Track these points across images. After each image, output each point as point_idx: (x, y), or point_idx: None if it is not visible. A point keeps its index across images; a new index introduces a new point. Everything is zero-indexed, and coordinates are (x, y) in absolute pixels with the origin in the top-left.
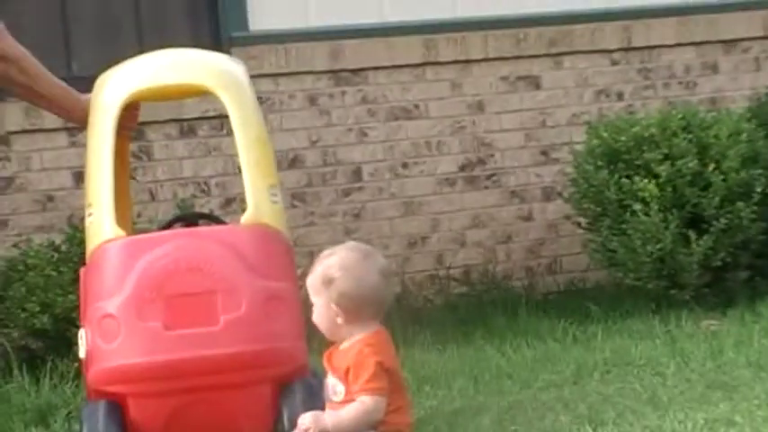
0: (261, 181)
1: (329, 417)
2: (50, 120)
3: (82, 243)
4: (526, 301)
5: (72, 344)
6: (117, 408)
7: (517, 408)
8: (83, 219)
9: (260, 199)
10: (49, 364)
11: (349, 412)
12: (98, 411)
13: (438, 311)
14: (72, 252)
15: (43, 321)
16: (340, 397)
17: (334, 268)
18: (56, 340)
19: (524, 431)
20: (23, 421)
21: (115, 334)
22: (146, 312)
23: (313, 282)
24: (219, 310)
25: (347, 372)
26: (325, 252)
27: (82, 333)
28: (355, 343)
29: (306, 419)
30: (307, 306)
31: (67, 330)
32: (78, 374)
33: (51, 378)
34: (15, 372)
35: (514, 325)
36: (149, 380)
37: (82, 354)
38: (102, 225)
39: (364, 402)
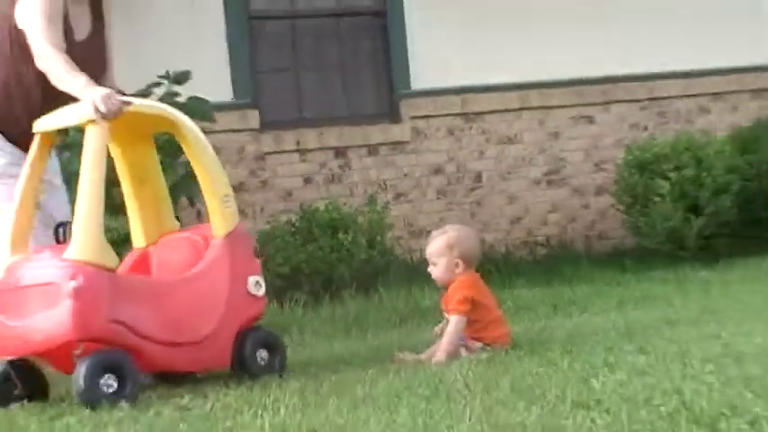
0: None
1: (442, 347)
2: (287, 143)
3: (308, 221)
4: None
5: (301, 284)
6: None
7: None
8: (304, 206)
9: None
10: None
11: (450, 331)
12: None
13: None
14: (302, 226)
15: (285, 269)
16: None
17: (454, 238)
18: (292, 282)
19: None
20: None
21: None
22: None
23: (438, 248)
24: None
25: (447, 299)
26: (436, 232)
27: (259, 281)
28: (456, 283)
29: (437, 355)
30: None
31: (300, 273)
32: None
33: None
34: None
35: None
36: None
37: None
38: (236, 210)
39: (454, 318)
